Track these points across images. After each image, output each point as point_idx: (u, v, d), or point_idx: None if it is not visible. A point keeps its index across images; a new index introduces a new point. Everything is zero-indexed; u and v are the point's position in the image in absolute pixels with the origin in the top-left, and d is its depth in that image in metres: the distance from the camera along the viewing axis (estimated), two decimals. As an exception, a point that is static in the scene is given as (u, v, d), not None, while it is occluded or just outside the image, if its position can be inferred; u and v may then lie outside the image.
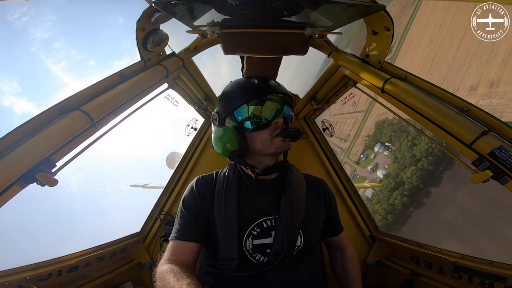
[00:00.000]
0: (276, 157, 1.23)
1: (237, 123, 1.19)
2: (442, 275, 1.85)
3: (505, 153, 1.13)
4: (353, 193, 2.55)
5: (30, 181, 1.14)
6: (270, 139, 1.17)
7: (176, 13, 1.46)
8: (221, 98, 1.27)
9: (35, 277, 1.64)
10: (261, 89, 1.19)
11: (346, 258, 1.38)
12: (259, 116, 1.18)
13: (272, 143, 1.17)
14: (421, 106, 1.37)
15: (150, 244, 2.54)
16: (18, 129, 1.17)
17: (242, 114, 1.18)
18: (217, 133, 1.28)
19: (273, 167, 1.22)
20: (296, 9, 1.42)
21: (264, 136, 1.17)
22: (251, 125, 1.18)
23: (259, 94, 1.18)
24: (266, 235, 1.13)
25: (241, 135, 1.18)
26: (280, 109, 1.19)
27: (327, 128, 2.50)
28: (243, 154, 1.21)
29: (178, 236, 1.14)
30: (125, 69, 1.55)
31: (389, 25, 1.47)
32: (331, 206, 1.36)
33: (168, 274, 0.97)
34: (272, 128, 1.17)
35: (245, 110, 1.18)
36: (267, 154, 1.20)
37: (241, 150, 1.19)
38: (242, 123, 1.19)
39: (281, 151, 1.19)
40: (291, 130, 1.19)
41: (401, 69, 1.54)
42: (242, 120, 1.18)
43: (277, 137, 1.16)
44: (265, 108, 1.18)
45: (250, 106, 1.18)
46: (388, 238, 2.32)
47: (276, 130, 1.17)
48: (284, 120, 1.20)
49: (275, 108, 1.19)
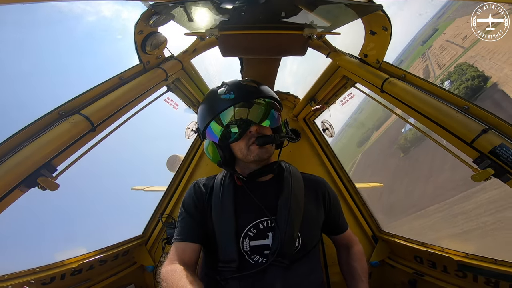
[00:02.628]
0: (259, 163, 1.22)
1: (214, 138, 1.21)
2: (447, 274, 1.84)
3: (506, 151, 1.13)
4: (354, 193, 2.54)
5: (31, 186, 1.15)
6: (247, 148, 1.17)
7: (174, 16, 1.47)
8: (197, 116, 1.28)
9: (38, 280, 1.64)
10: (224, 103, 1.16)
11: (352, 256, 1.38)
12: (229, 129, 1.18)
13: (249, 151, 1.17)
14: (421, 105, 1.37)
15: (152, 247, 2.54)
16: (18, 133, 1.18)
17: (212, 132, 1.20)
18: (205, 144, 1.30)
19: (257, 172, 1.23)
20: (294, 10, 1.42)
21: (241, 145, 1.18)
22: (224, 139, 1.19)
23: (222, 108, 1.16)
24: (263, 236, 1.13)
25: (221, 148, 1.21)
26: (243, 117, 1.17)
27: (327, 128, 2.49)
28: (229, 163, 1.24)
29: (180, 237, 1.16)
30: (124, 72, 1.56)
31: (387, 25, 1.47)
32: (331, 204, 1.36)
33: (172, 274, 1.01)
34: (247, 137, 1.17)
35: (214, 126, 1.19)
36: (248, 162, 1.21)
37: (224, 160, 1.22)
38: (216, 138, 1.20)
39: (259, 159, 1.18)
40: (263, 136, 1.16)
41: (400, 69, 1.54)
42: (215, 135, 1.20)
43: (253, 145, 1.16)
44: (235, 123, 1.17)
45: (217, 122, 1.18)
46: (390, 238, 2.31)
47: (252, 139, 1.16)
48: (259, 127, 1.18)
49: (243, 115, 1.17)
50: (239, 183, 1.24)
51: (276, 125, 1.23)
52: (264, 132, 1.19)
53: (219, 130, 1.18)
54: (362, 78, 1.69)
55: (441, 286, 1.85)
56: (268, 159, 1.23)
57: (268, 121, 1.20)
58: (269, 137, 1.17)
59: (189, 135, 2.57)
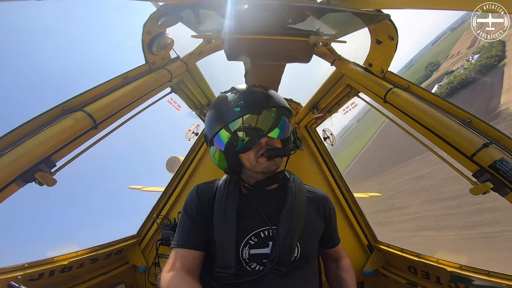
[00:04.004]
0: (266, 174, 1.20)
1: (221, 146, 1.18)
2: (439, 285, 1.84)
3: (506, 165, 1.14)
4: (352, 202, 2.54)
5: (28, 180, 1.14)
6: (256, 159, 1.14)
7: (183, 18, 1.48)
8: (205, 122, 1.25)
9: (25, 276, 1.61)
10: (234, 112, 1.11)
11: (341, 268, 1.37)
12: (237, 137, 1.15)
13: (258, 163, 1.14)
14: (423, 116, 1.37)
15: (146, 247, 2.51)
16: (20, 127, 1.17)
17: (220, 140, 1.17)
18: (212, 150, 1.28)
19: (264, 182, 1.21)
20: (301, 17, 1.44)
21: (250, 156, 1.15)
22: (232, 147, 1.16)
23: (232, 118, 1.12)
24: (263, 245, 1.12)
25: (229, 156, 1.18)
26: (252, 124, 1.15)
27: (328, 137, 2.50)
28: (236, 171, 1.22)
29: (181, 244, 1.13)
30: (129, 71, 1.56)
31: (393, 35, 1.48)
32: (330, 219, 1.36)
33: (173, 282, 1.00)
34: (256, 149, 1.14)
35: (223, 134, 1.16)
36: (256, 172, 1.19)
37: (232, 168, 1.21)
38: (223, 146, 1.17)
39: (267, 171, 1.16)
40: (275, 150, 1.14)
41: (404, 79, 1.55)
42: (223, 143, 1.17)
43: (262, 157, 1.14)
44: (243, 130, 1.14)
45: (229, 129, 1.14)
46: (385, 248, 2.31)
47: (261, 151, 1.14)
48: (269, 139, 1.15)
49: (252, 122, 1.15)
50: (244, 191, 1.21)
51: (286, 135, 1.20)
52: (273, 143, 1.16)
53: (227, 137, 1.16)
54: (366, 87, 1.70)
55: None
56: (275, 170, 1.21)
57: (278, 130, 1.17)
58: (279, 150, 1.14)
59: (190, 137, 2.56)
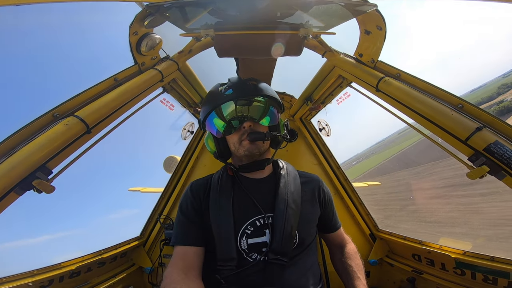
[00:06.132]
0: (250, 158, 1.25)
1: (212, 129, 1.27)
2: (445, 272, 1.85)
3: (501, 148, 1.14)
4: (352, 192, 2.55)
5: (27, 188, 1.14)
6: (239, 142, 1.21)
7: (169, 16, 1.46)
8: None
9: (36, 283, 1.63)
10: (224, 97, 1.21)
11: (345, 254, 1.38)
12: (227, 120, 1.23)
13: (241, 146, 1.21)
14: (416, 103, 1.37)
15: (150, 248, 2.53)
16: (12, 136, 1.17)
17: (211, 123, 1.26)
18: (205, 135, 1.39)
19: (249, 165, 1.26)
20: (289, 11, 1.43)
21: (235, 139, 1.23)
22: (220, 131, 1.24)
23: (221, 101, 1.21)
24: (260, 233, 1.13)
25: (217, 140, 1.28)
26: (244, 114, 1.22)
27: (323, 128, 2.50)
28: (223, 155, 1.31)
29: (179, 241, 1.16)
30: (119, 73, 1.55)
31: (381, 24, 1.48)
32: (325, 201, 1.37)
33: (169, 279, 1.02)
34: (240, 132, 1.21)
35: (214, 119, 1.25)
36: (239, 156, 1.25)
37: (219, 152, 1.30)
38: (214, 130, 1.26)
39: (249, 154, 1.21)
40: (255, 133, 1.20)
41: (395, 68, 1.55)
42: (214, 127, 1.26)
43: (245, 140, 1.20)
44: (232, 113, 1.22)
45: (216, 115, 1.23)
46: (388, 236, 2.32)
47: (244, 135, 1.20)
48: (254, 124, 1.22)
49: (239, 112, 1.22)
50: (230, 173, 1.29)
51: (273, 123, 1.26)
52: (257, 129, 1.23)
53: (217, 123, 1.24)
54: (358, 77, 1.69)
55: (440, 283, 1.86)
56: (259, 155, 1.26)
57: (268, 118, 1.24)
58: (260, 134, 1.20)
59: (186, 136, 2.56)
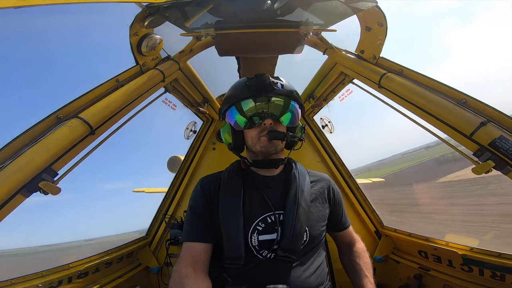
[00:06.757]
0: (265, 154, 1.25)
1: (231, 120, 1.27)
2: (452, 269, 1.83)
3: (506, 143, 1.12)
4: (356, 189, 2.54)
5: (33, 190, 1.15)
6: (258, 138, 1.22)
7: (169, 16, 1.46)
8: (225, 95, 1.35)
9: (46, 284, 1.65)
10: (254, 91, 1.21)
11: (354, 253, 1.38)
12: (247, 116, 1.22)
13: (259, 141, 1.22)
14: (419, 99, 1.36)
15: (156, 248, 2.55)
16: (17, 138, 1.19)
17: (231, 115, 1.26)
18: (223, 125, 1.38)
19: (263, 161, 1.27)
20: (289, 8, 1.42)
21: (253, 134, 1.23)
22: (241, 124, 1.24)
23: (249, 95, 1.21)
24: (270, 230, 1.14)
25: (234, 131, 1.28)
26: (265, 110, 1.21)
27: (326, 125, 2.49)
28: (238, 147, 1.31)
29: (189, 237, 1.17)
30: (120, 74, 1.56)
31: (382, 21, 1.47)
32: (335, 200, 1.37)
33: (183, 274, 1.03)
34: (261, 128, 1.21)
35: (234, 110, 1.25)
36: (255, 151, 1.26)
37: (234, 144, 1.30)
38: (233, 121, 1.26)
39: (265, 151, 1.22)
40: (275, 131, 1.20)
41: (397, 64, 1.54)
42: (233, 119, 1.25)
43: (264, 137, 1.20)
44: (252, 109, 1.22)
45: (240, 107, 1.23)
46: (393, 233, 2.31)
47: (264, 131, 1.21)
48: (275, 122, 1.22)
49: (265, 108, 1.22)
50: (243, 166, 1.30)
51: (293, 124, 1.27)
52: (277, 128, 1.23)
53: (238, 115, 1.24)
54: (360, 74, 1.68)
55: (447, 280, 1.84)
56: (274, 154, 1.26)
57: (289, 115, 1.24)
58: (280, 134, 1.20)
59: (189, 136, 2.57)
